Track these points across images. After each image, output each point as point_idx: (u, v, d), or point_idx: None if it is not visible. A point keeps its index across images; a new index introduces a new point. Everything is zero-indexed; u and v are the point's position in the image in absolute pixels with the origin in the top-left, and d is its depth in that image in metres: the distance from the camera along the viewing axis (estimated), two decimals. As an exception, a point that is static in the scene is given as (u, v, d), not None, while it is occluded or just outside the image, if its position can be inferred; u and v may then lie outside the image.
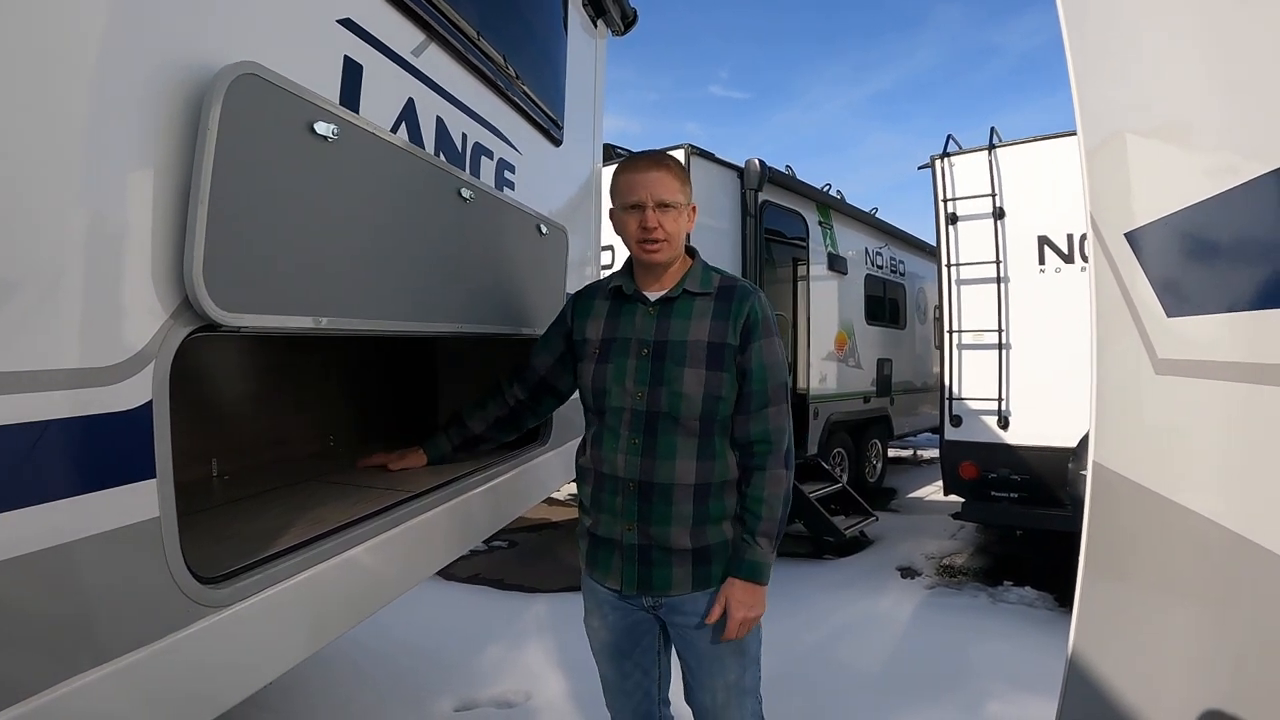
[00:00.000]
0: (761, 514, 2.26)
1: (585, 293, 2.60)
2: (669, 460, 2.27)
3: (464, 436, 2.80)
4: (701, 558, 2.29)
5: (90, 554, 1.35)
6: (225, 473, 3.03)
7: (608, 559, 2.39)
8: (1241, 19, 1.46)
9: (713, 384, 2.25)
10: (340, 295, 2.02)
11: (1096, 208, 2.21)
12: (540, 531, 8.37)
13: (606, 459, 2.36)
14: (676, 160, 2.39)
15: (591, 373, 2.40)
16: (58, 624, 1.32)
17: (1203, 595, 1.65)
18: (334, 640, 2.20)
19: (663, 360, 2.29)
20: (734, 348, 2.27)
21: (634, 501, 2.30)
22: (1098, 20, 2.23)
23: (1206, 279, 1.63)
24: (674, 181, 2.31)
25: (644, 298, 2.40)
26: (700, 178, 7.29)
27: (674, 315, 2.34)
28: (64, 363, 1.30)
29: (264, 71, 1.64)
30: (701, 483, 2.27)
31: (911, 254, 12.71)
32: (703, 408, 2.26)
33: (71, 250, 1.32)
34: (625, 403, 2.32)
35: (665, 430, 2.28)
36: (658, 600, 2.35)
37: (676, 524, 2.27)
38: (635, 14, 4.91)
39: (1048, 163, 6.79)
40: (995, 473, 7.00)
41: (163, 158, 1.48)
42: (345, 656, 4.45)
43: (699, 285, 2.36)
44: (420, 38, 2.47)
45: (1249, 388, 1.42)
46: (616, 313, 2.43)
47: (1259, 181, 1.36)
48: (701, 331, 2.29)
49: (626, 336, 2.37)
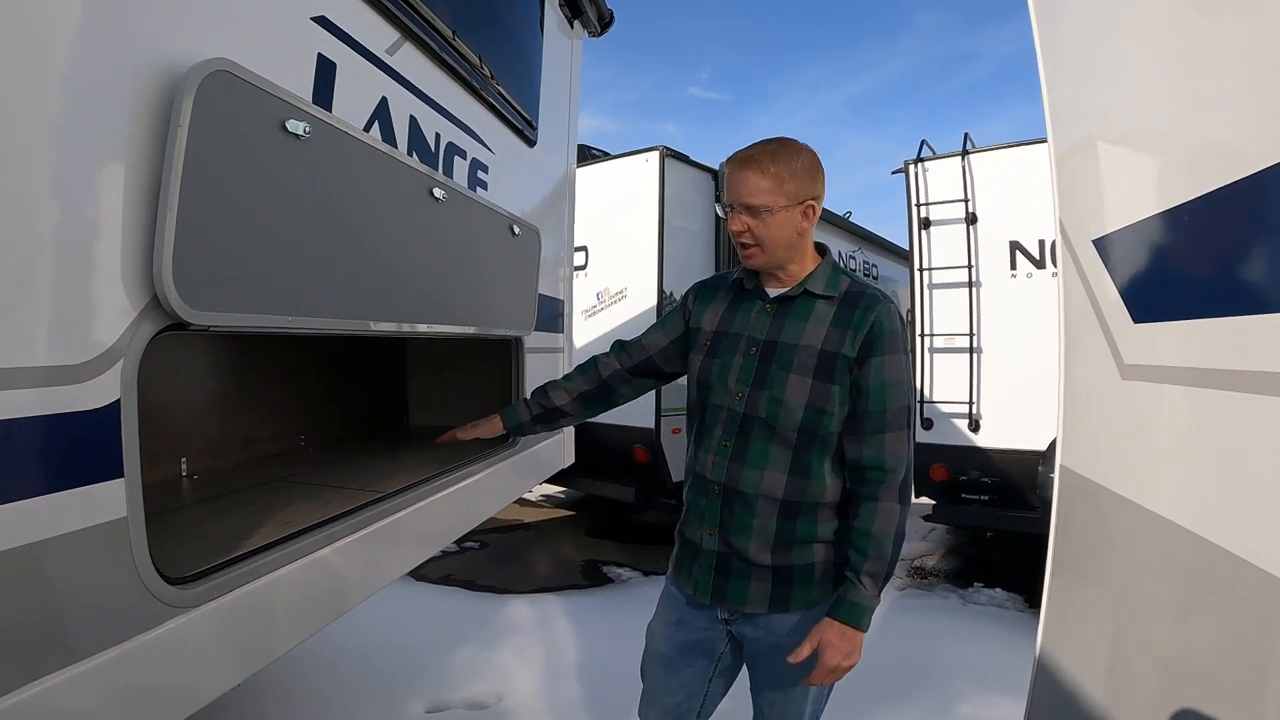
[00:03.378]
0: (869, 551, 2.04)
1: (710, 281, 2.45)
2: (758, 469, 2.12)
3: (544, 406, 2.55)
4: (782, 577, 2.14)
5: (57, 554, 1.34)
6: (195, 472, 3.02)
7: (689, 562, 2.27)
8: (1207, 31, 1.48)
9: (818, 395, 2.07)
10: (311, 295, 2.00)
11: (1065, 214, 2.23)
12: (513, 532, 8.33)
13: (700, 458, 2.24)
14: (779, 154, 2.12)
15: (699, 365, 2.26)
16: (23, 625, 1.31)
17: (1167, 597, 1.67)
18: (305, 641, 2.18)
19: (769, 362, 2.13)
20: (849, 359, 2.07)
21: (717, 506, 2.17)
22: (1068, 29, 2.25)
23: (1171, 286, 1.65)
24: (763, 181, 2.08)
25: (764, 294, 2.23)
26: (674, 180, 7.31)
27: (790, 316, 2.17)
28: (30, 360, 1.29)
29: (236, 69, 1.64)
30: (790, 499, 2.11)
31: (885, 258, 12.78)
32: (802, 419, 2.08)
33: (39, 247, 1.31)
34: (725, 401, 2.18)
35: (759, 437, 2.12)
36: (732, 614, 2.22)
37: (758, 537, 2.12)
38: (612, 15, 4.92)
39: (1020, 169, 6.82)
40: (966, 475, 7.02)
41: (133, 155, 1.48)
42: (317, 657, 4.42)
43: (822, 287, 2.17)
44: (395, 36, 2.46)
45: (1211, 393, 1.44)
46: (735, 306, 2.28)
47: (1223, 191, 1.38)
48: (816, 337, 2.11)
49: (739, 332, 2.22)
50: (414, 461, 3.18)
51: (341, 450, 3.61)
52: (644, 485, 7.60)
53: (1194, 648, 1.54)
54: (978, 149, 7.21)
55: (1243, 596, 1.33)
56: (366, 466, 3.20)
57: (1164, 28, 1.65)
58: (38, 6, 1.30)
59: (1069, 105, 2.26)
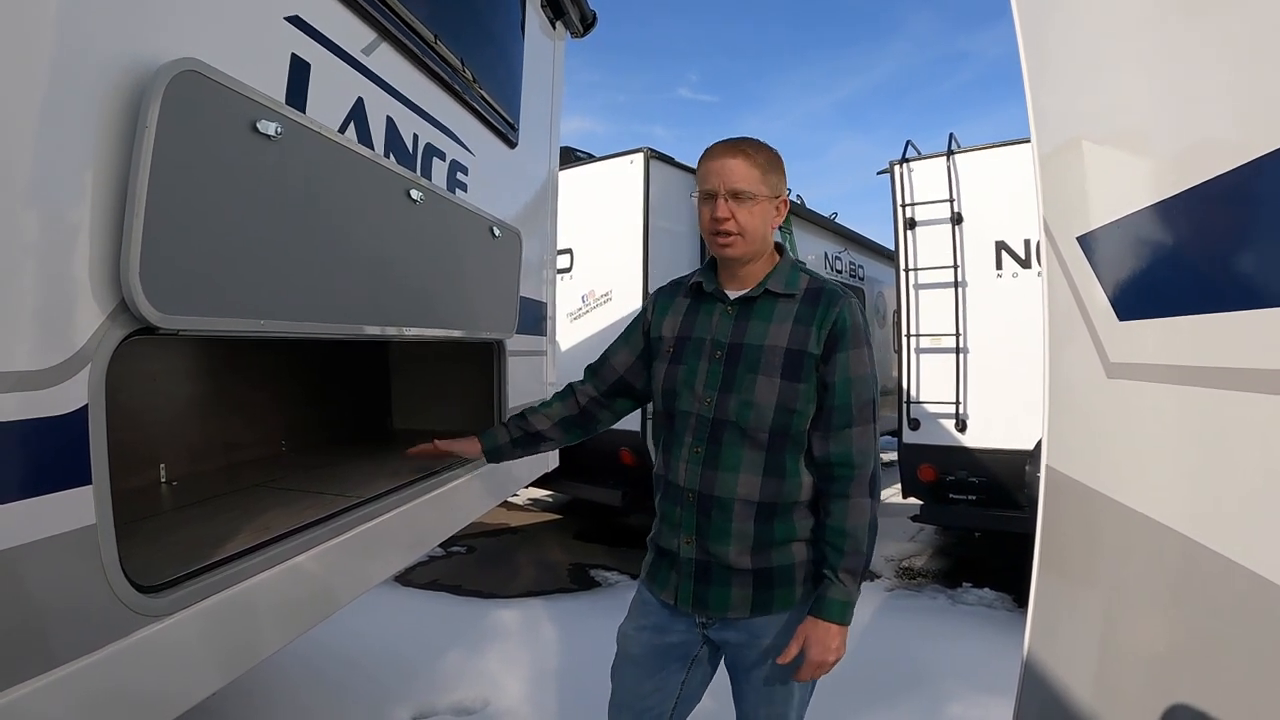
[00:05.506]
0: (845, 548, 2.06)
1: (667, 288, 2.44)
2: (732, 473, 2.11)
3: (524, 431, 2.51)
4: (763, 580, 2.13)
5: (23, 562, 1.32)
6: (174, 478, 2.99)
7: (666, 572, 2.25)
8: (1190, 29, 1.47)
9: (787, 395, 2.07)
10: (284, 298, 1.98)
11: (1049, 212, 2.22)
12: (499, 536, 8.31)
13: (671, 466, 2.21)
14: (761, 147, 2.15)
15: (663, 373, 2.24)
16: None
17: (1153, 597, 1.66)
18: (285, 647, 2.16)
19: (735, 365, 2.12)
20: (815, 356, 2.08)
21: (692, 514, 2.16)
22: (1052, 27, 2.24)
23: (1156, 283, 1.63)
24: (752, 170, 2.09)
25: (723, 296, 2.22)
26: (659, 182, 7.31)
27: (753, 317, 2.16)
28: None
29: (205, 69, 1.62)
30: (766, 501, 2.10)
31: (870, 258, 12.83)
32: (774, 420, 2.08)
33: (2, 250, 1.29)
34: (693, 407, 2.16)
35: (731, 441, 2.11)
36: (709, 620, 2.21)
37: (736, 542, 2.11)
38: (594, 16, 4.92)
39: (1006, 169, 6.85)
40: (953, 475, 7.04)
41: (100, 156, 1.46)
42: (303, 662, 4.40)
43: (783, 286, 2.16)
44: (371, 36, 2.44)
45: (1197, 391, 1.43)
46: (695, 310, 2.27)
47: (1206, 186, 1.37)
48: (780, 336, 2.11)
49: (701, 336, 2.20)
50: (397, 466, 3.16)
51: (323, 455, 3.59)
52: (631, 489, 7.57)
53: (1181, 647, 1.53)
54: (962, 149, 7.24)
55: (1228, 595, 1.32)
56: (348, 471, 3.17)
57: (1146, 28, 1.65)
58: (2, 7, 1.27)
59: (1052, 102, 2.25)
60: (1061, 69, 2.21)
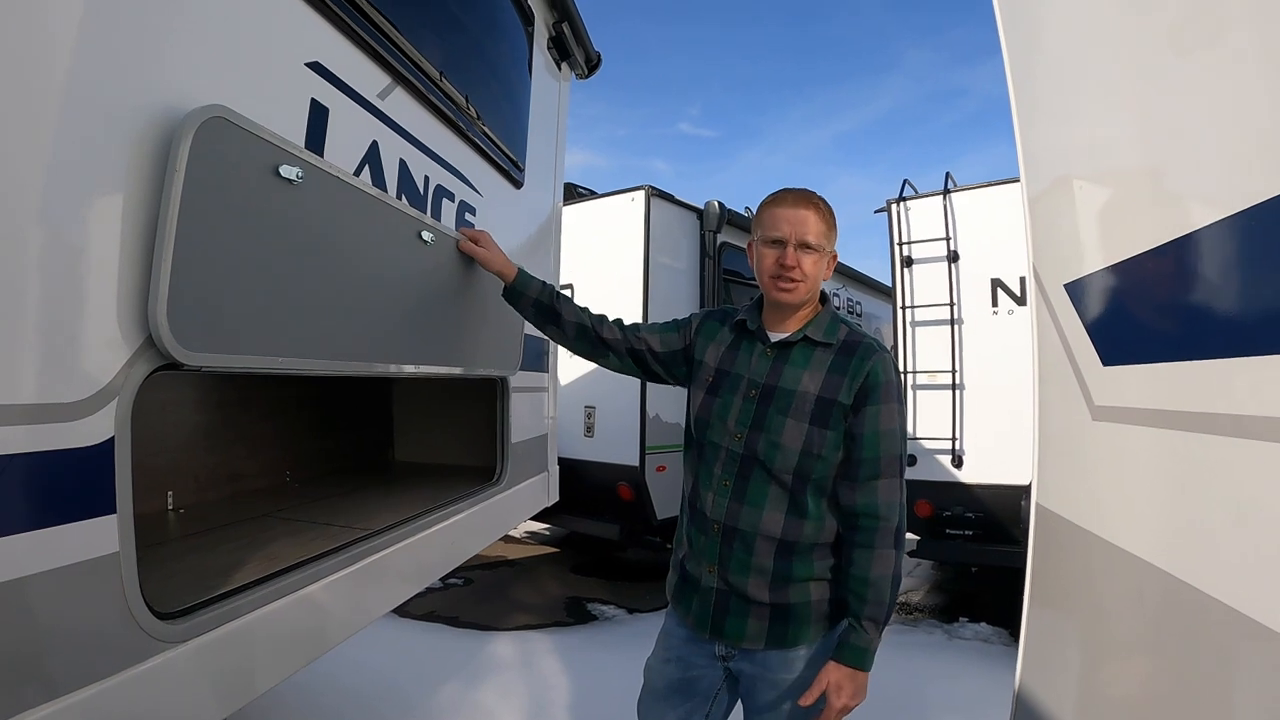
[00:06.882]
0: (868, 597, 2.10)
1: (715, 313, 2.49)
2: (757, 508, 2.17)
3: (550, 303, 2.56)
4: (780, 615, 2.18)
5: (48, 588, 1.35)
6: (181, 506, 3.03)
7: (689, 597, 2.31)
8: (1178, 75, 1.53)
9: (813, 440, 2.13)
10: (301, 336, 2.03)
11: (1038, 259, 2.28)
12: (497, 569, 8.30)
13: (700, 494, 2.29)
14: (825, 204, 2.24)
15: (700, 402, 2.32)
16: (12, 658, 1.32)
17: (1139, 633, 1.70)
18: (289, 677, 2.19)
19: (768, 405, 2.19)
20: (845, 407, 2.13)
21: (716, 544, 2.22)
22: (1041, 74, 2.31)
23: (1138, 330, 1.69)
24: (821, 225, 2.19)
25: (765, 337, 2.28)
26: (659, 219, 7.38)
27: (789, 361, 2.22)
28: (26, 398, 1.31)
29: (232, 115, 1.67)
30: (788, 539, 2.16)
31: (868, 295, 12.88)
32: (798, 463, 2.13)
33: (36, 286, 1.34)
34: (724, 441, 2.23)
35: (758, 477, 2.18)
36: (730, 650, 2.26)
37: (755, 575, 2.17)
38: (599, 57, 5.00)
39: (1001, 207, 6.89)
40: (950, 511, 7.04)
41: (130, 197, 1.51)
42: (302, 692, 4.39)
43: (822, 334, 2.23)
44: (386, 81, 2.51)
45: (1177, 434, 1.49)
46: (736, 346, 2.33)
47: (1187, 238, 1.43)
48: (813, 383, 2.17)
49: (740, 374, 2.27)
50: (399, 498, 3.21)
51: (327, 486, 3.62)
52: (628, 522, 7.59)
53: (1166, 684, 1.58)
54: (959, 188, 7.30)
55: (1205, 627, 1.37)
56: (352, 503, 3.22)
57: (1134, 76, 1.70)
58: (40, 50, 1.33)
59: (1041, 150, 2.32)
60: (1050, 113, 2.28)
